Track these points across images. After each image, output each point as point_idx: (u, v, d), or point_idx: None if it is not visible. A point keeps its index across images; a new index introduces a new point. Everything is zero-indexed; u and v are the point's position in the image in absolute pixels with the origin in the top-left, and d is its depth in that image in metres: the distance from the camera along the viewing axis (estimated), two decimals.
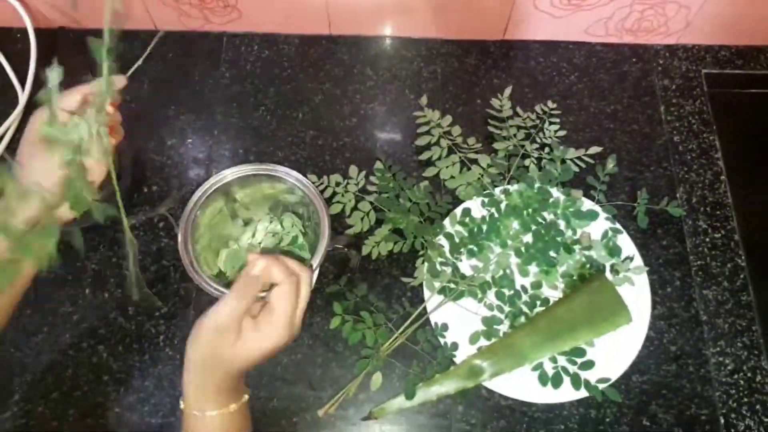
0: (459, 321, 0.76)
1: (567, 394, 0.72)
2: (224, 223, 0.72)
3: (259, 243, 0.74)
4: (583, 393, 0.72)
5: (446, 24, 0.93)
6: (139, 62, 0.67)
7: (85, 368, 0.74)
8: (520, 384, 0.73)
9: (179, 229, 0.65)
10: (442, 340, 0.75)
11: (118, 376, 0.74)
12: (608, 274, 0.77)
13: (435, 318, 0.76)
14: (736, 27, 0.91)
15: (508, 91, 0.89)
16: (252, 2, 0.89)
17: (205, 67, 0.92)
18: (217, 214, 0.70)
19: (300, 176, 0.68)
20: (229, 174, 0.67)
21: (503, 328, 0.75)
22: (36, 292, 0.77)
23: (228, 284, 0.67)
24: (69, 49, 0.93)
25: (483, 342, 0.75)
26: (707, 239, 0.82)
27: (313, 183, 0.76)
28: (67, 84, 0.62)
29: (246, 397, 0.60)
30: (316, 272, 0.74)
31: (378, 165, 0.84)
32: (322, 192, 0.80)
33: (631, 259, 0.78)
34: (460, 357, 0.74)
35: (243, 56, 0.94)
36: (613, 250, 0.78)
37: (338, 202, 0.81)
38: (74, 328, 0.76)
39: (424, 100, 0.88)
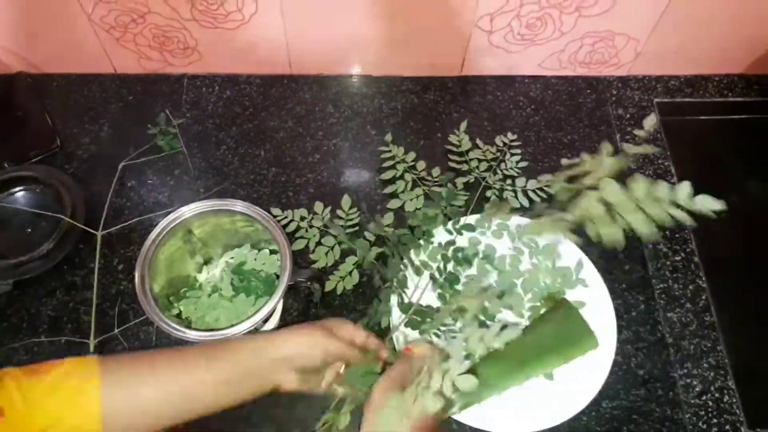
0: None
1: (538, 423, 0.71)
2: (183, 262, 0.71)
3: (219, 279, 0.72)
4: (555, 421, 0.71)
5: (405, 61, 0.94)
6: None
7: None
8: (489, 415, 0.71)
9: (137, 271, 0.64)
10: None
11: None
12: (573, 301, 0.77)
13: (400, 349, 0.75)
14: (683, 57, 0.95)
15: (463, 125, 0.90)
16: (212, 44, 0.90)
17: (166, 109, 0.92)
18: (175, 253, 0.69)
19: (260, 210, 0.68)
20: (187, 211, 0.67)
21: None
22: None
23: (188, 326, 0.65)
24: (27, 94, 0.93)
25: None
26: (668, 262, 0.83)
27: (276, 217, 0.76)
28: (20, 128, 0.61)
29: None
30: (280, 306, 0.74)
31: (345, 199, 0.83)
32: (285, 227, 0.80)
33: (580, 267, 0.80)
34: None
35: (204, 97, 0.94)
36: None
37: (302, 237, 0.81)
38: None
39: (389, 137, 0.89)
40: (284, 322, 0.77)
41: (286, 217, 0.81)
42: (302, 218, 0.82)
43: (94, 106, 0.93)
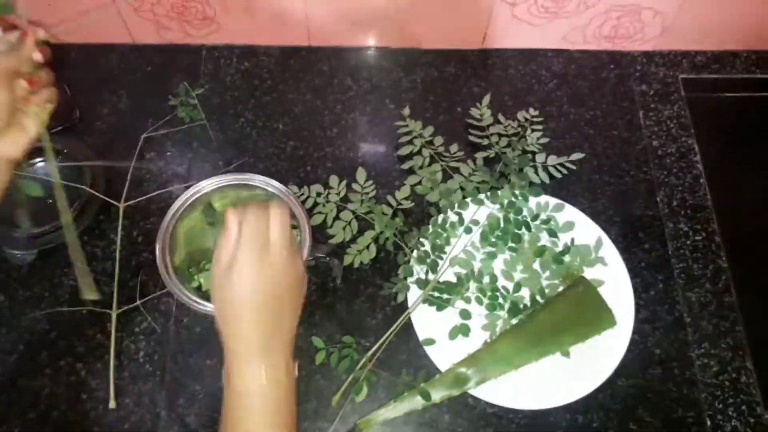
0: (443, 326, 0.75)
1: (554, 399, 0.72)
2: (203, 236, 0.71)
3: None
4: (570, 398, 0.72)
5: (425, 34, 0.93)
6: None
7: (63, 387, 0.73)
8: (506, 391, 0.72)
9: (157, 243, 0.64)
10: (426, 348, 0.74)
11: (97, 394, 0.72)
12: (591, 278, 0.77)
13: (418, 325, 0.75)
14: (712, 32, 0.93)
15: (486, 99, 0.89)
16: (231, 14, 0.89)
17: (185, 80, 0.91)
18: (195, 226, 0.69)
19: (279, 185, 0.67)
20: (207, 185, 0.67)
21: (481, 320, 0.75)
22: (12, 310, 0.76)
23: (208, 298, 0.66)
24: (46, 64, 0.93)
25: (461, 339, 0.74)
26: (688, 242, 0.82)
27: (294, 194, 0.76)
28: None
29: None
30: None
31: (360, 172, 0.83)
32: (303, 203, 0.80)
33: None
34: (442, 361, 0.73)
35: (222, 68, 0.93)
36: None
37: (319, 212, 0.80)
38: (51, 346, 0.75)
39: (406, 110, 0.88)
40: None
41: (303, 194, 0.81)
42: (318, 194, 0.81)
43: (112, 77, 0.92)
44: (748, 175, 0.88)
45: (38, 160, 0.84)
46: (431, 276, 0.77)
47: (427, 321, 0.75)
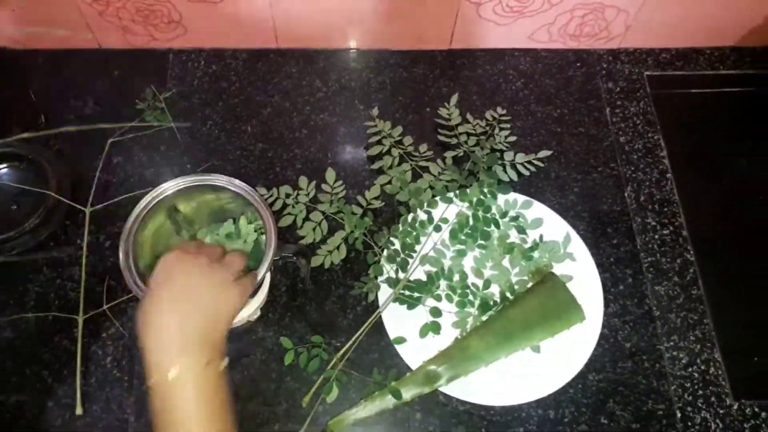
0: (414, 325, 0.75)
1: (525, 395, 0.72)
2: (168, 239, 0.71)
3: None
4: (541, 393, 0.72)
5: (393, 35, 0.93)
6: None
7: (30, 395, 0.72)
8: (476, 388, 0.72)
9: (120, 247, 0.63)
10: (397, 347, 0.74)
11: (64, 402, 0.71)
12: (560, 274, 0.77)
13: (389, 324, 0.75)
14: (674, 29, 0.94)
15: (454, 98, 0.89)
16: (197, 18, 0.89)
17: (152, 84, 0.91)
18: (160, 229, 0.68)
19: (243, 184, 0.67)
20: (169, 188, 0.66)
21: (451, 317, 0.76)
22: None
23: None
24: (10, 70, 0.92)
25: (431, 337, 0.74)
26: (656, 236, 0.83)
27: (263, 195, 0.76)
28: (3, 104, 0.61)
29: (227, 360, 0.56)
30: (267, 282, 0.73)
31: (330, 173, 0.83)
32: (271, 204, 0.79)
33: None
34: (413, 359, 0.73)
35: (190, 72, 0.93)
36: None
37: (289, 213, 0.80)
38: (17, 354, 0.73)
39: (375, 111, 0.89)
40: (272, 297, 0.77)
41: (272, 195, 0.81)
42: (287, 195, 0.81)
43: (78, 81, 0.92)
44: (713, 170, 0.89)
45: (2, 165, 0.83)
46: (401, 275, 0.77)
47: (397, 320, 0.75)
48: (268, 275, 0.72)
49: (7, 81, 0.91)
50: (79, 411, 0.70)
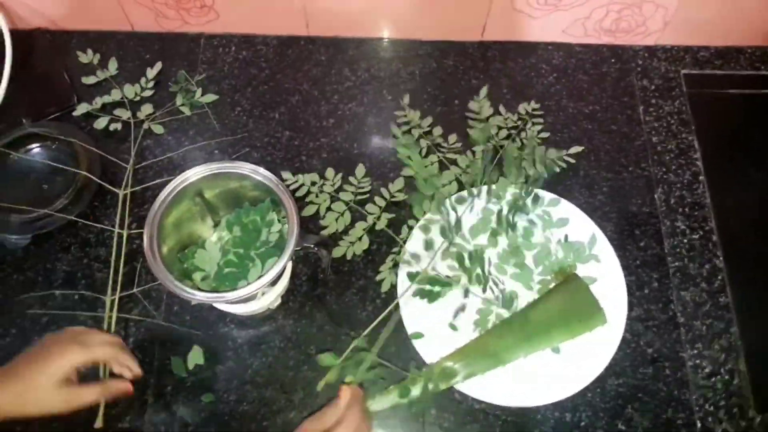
0: (432, 320, 0.75)
1: (542, 397, 0.71)
2: (192, 224, 0.71)
3: (227, 241, 0.72)
4: (559, 396, 0.71)
5: (424, 25, 0.92)
6: None
7: None
8: (493, 387, 0.71)
9: (145, 232, 0.64)
10: (414, 342, 0.73)
11: (86, 381, 0.73)
12: (583, 276, 0.76)
13: (407, 319, 0.75)
14: (715, 27, 0.91)
15: (484, 91, 0.88)
16: (229, 3, 0.89)
17: (183, 68, 0.91)
18: (184, 214, 0.69)
19: (267, 173, 0.67)
20: (193, 174, 0.67)
21: (473, 315, 0.75)
22: (5, 294, 0.77)
23: (193, 287, 0.66)
24: (45, 51, 0.93)
25: (450, 333, 0.74)
26: (685, 240, 0.81)
27: (286, 181, 0.76)
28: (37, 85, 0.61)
29: None
30: (288, 271, 0.74)
31: (360, 168, 0.83)
32: (295, 191, 0.80)
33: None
34: (430, 355, 0.73)
35: (220, 57, 0.93)
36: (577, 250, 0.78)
37: (312, 202, 0.80)
38: (43, 330, 0.75)
39: (406, 99, 0.88)
40: (293, 286, 0.77)
41: (296, 182, 0.81)
42: (313, 183, 0.81)
43: (109, 61, 0.92)
44: (747, 174, 0.86)
45: (35, 145, 0.84)
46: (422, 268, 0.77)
47: (416, 315, 0.75)
48: (290, 264, 0.73)
49: (42, 61, 0.93)
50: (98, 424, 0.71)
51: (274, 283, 0.66)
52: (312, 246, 0.68)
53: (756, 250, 0.82)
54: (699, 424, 0.72)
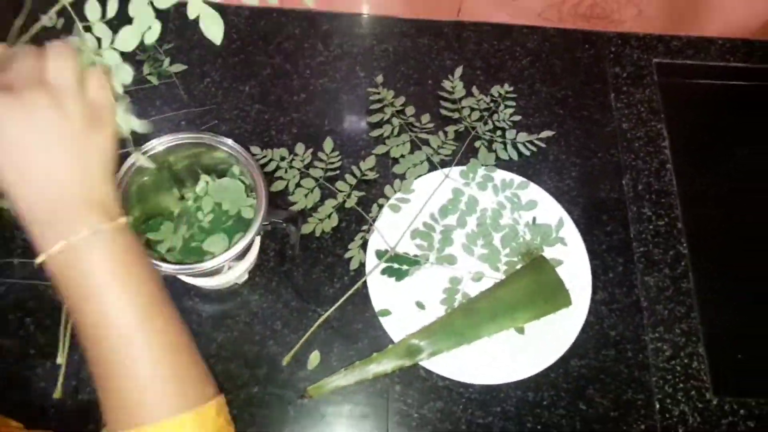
0: (400, 298, 0.75)
1: (505, 375, 0.72)
2: (158, 195, 0.70)
3: (193, 214, 0.71)
4: (522, 375, 0.72)
5: (400, 2, 0.91)
6: None
7: (11, 341, 0.71)
8: (458, 365, 0.72)
9: None
10: (382, 319, 0.73)
11: (45, 350, 0.71)
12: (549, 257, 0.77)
13: (375, 296, 0.74)
14: (688, 17, 0.92)
15: (459, 71, 0.88)
16: None
17: None
18: (149, 185, 0.67)
19: (236, 145, 0.66)
20: (158, 144, 0.65)
21: (439, 295, 0.76)
22: None
23: (162, 259, 0.64)
24: None
25: (417, 311, 0.74)
26: (651, 226, 0.82)
27: (255, 155, 0.75)
28: None
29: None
30: (256, 246, 0.73)
31: (327, 142, 0.82)
32: (264, 166, 0.78)
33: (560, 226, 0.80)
34: (396, 332, 0.73)
35: (190, 26, 0.90)
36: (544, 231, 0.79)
37: (282, 178, 0.79)
38: (1, 299, 0.73)
39: (380, 78, 0.87)
40: (260, 261, 0.76)
41: (265, 156, 0.80)
42: (282, 158, 0.80)
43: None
44: (714, 164, 0.88)
45: None
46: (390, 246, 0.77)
47: (384, 292, 0.75)
48: (258, 239, 0.72)
49: None
50: (60, 360, 0.70)
51: (240, 257, 0.65)
52: (280, 221, 0.67)
53: (719, 238, 0.83)
54: (658, 405, 0.73)
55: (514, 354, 0.73)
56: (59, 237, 0.41)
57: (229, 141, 0.66)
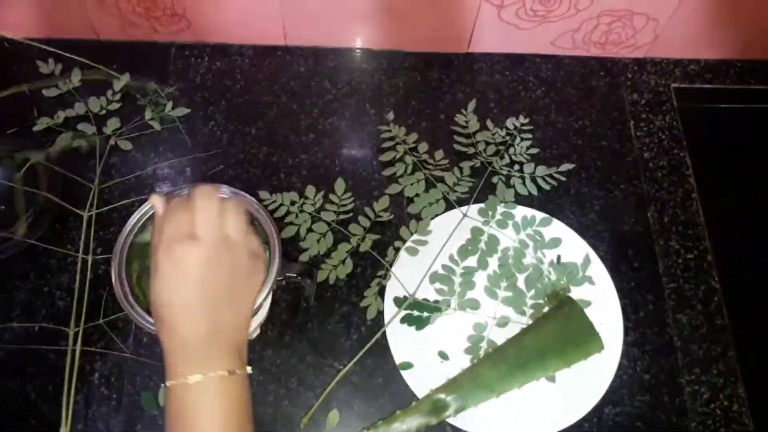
0: (421, 349, 0.71)
1: (537, 429, 0.68)
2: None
3: None
4: (555, 428, 0.68)
5: (408, 36, 0.88)
6: None
7: (11, 410, 0.68)
8: (486, 419, 0.68)
9: (113, 260, 0.59)
10: (403, 373, 0.69)
11: (48, 419, 0.67)
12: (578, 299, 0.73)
13: (395, 348, 0.71)
14: (705, 40, 0.89)
15: (472, 105, 0.85)
16: (201, 11, 0.84)
17: (152, 80, 0.86)
18: (147, 239, 0.64)
19: (246, 195, 0.62)
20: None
21: (464, 343, 0.72)
22: None
23: None
24: (3, 61, 0.87)
25: (440, 363, 0.71)
26: (680, 260, 0.79)
27: (264, 201, 0.71)
28: None
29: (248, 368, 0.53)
30: (268, 301, 0.69)
31: (339, 183, 0.79)
32: (274, 211, 0.75)
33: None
34: (419, 386, 0.69)
35: (192, 68, 0.88)
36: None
37: (292, 223, 0.76)
38: (0, 366, 0.69)
39: (390, 115, 0.84)
40: (272, 314, 0.73)
41: (275, 201, 0.76)
42: (292, 202, 0.77)
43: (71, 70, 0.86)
44: (742, 191, 0.84)
45: None
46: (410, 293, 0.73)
47: (404, 343, 0.71)
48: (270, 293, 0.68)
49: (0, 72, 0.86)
50: (63, 431, 0.66)
51: (254, 314, 0.61)
52: (295, 276, 0.63)
53: (752, 269, 0.80)
54: None
55: (546, 405, 0.69)
56: (197, 370, 0.47)
57: (240, 192, 0.62)
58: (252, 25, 0.86)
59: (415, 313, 0.72)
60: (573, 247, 0.77)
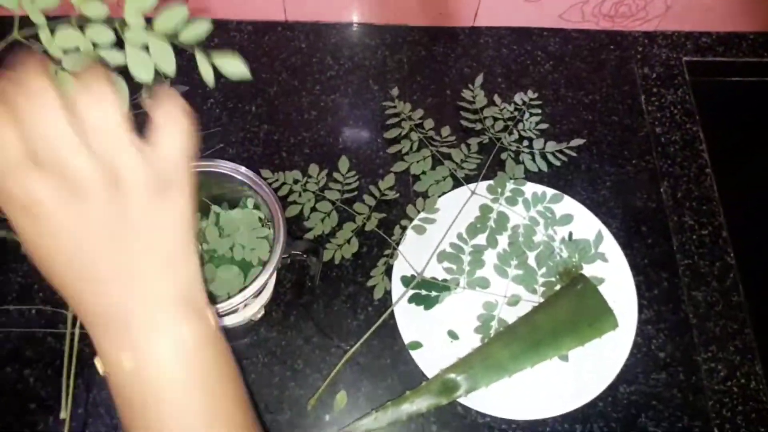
0: (430, 329, 0.69)
1: (550, 408, 0.66)
2: None
3: (203, 249, 0.65)
4: (568, 407, 0.66)
5: (412, 9, 0.86)
6: None
7: (9, 396, 0.65)
8: (498, 399, 0.66)
9: None
10: (412, 353, 0.67)
11: (47, 404, 0.65)
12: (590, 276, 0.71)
13: (403, 328, 0.68)
14: (717, 12, 0.86)
15: (479, 80, 0.82)
16: None
17: None
18: None
19: (249, 172, 0.60)
20: None
21: (474, 322, 0.70)
22: None
23: None
24: None
25: (450, 342, 0.69)
26: (694, 236, 0.77)
27: (267, 179, 0.69)
28: None
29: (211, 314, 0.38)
30: (273, 280, 0.67)
31: (343, 161, 0.76)
32: (277, 190, 0.73)
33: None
34: (429, 366, 0.67)
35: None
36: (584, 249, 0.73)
37: (296, 202, 0.74)
38: None
39: (395, 91, 0.82)
40: (276, 294, 0.71)
41: (277, 180, 0.74)
42: (295, 181, 0.75)
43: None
44: (756, 165, 0.82)
45: None
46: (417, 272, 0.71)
47: (413, 323, 0.69)
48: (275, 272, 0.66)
49: None
50: (63, 415, 0.64)
51: (257, 294, 0.59)
52: (300, 253, 0.61)
53: (767, 244, 0.78)
54: (716, 431, 0.67)
55: (559, 384, 0.67)
56: (128, 347, 0.33)
57: (241, 168, 0.60)
58: (251, 0, 0.83)
59: (424, 292, 0.70)
60: (585, 223, 0.75)
